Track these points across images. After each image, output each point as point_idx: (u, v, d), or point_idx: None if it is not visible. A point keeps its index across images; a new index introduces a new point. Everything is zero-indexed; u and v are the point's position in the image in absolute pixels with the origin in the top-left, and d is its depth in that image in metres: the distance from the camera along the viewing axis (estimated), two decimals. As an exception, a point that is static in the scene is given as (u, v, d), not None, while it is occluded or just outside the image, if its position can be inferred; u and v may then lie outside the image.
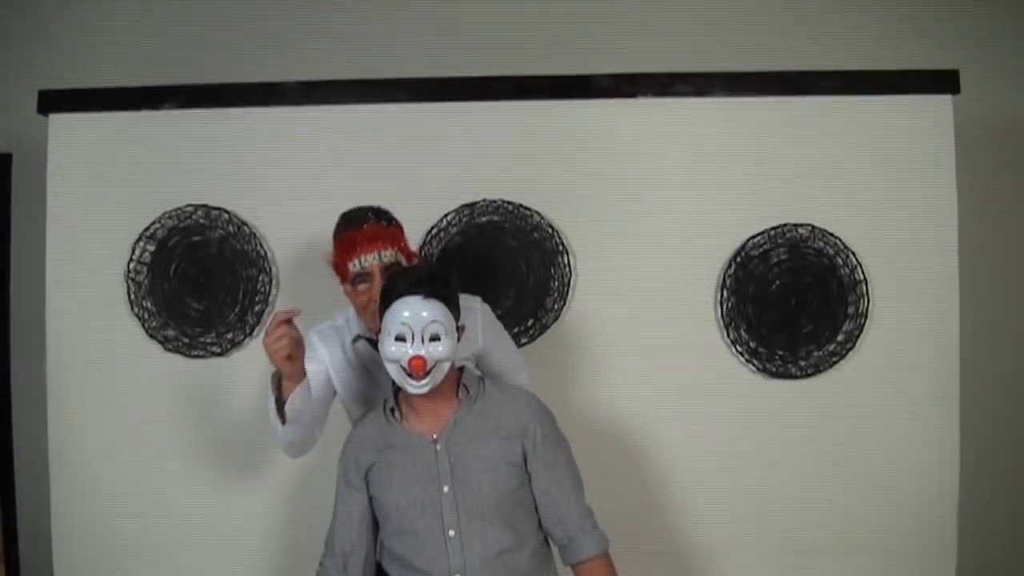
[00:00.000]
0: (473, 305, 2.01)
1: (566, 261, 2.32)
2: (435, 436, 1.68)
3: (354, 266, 1.79)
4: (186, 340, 2.34)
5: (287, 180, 2.34)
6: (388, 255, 1.81)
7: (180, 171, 2.35)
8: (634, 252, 2.32)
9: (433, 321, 1.61)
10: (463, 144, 2.34)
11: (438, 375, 1.63)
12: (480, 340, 1.99)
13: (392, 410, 1.73)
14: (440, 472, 1.66)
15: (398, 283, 1.65)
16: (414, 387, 1.62)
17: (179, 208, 2.34)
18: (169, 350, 2.34)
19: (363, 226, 1.81)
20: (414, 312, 1.61)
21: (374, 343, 1.92)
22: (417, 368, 1.59)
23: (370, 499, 1.72)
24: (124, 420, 2.34)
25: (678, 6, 2.82)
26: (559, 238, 2.32)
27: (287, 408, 1.77)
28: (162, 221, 2.34)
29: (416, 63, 2.53)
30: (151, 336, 2.34)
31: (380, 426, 1.73)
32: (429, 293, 1.62)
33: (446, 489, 1.65)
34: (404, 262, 1.85)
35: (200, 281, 2.35)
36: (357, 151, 2.34)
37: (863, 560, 2.29)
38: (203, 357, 2.34)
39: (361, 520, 1.72)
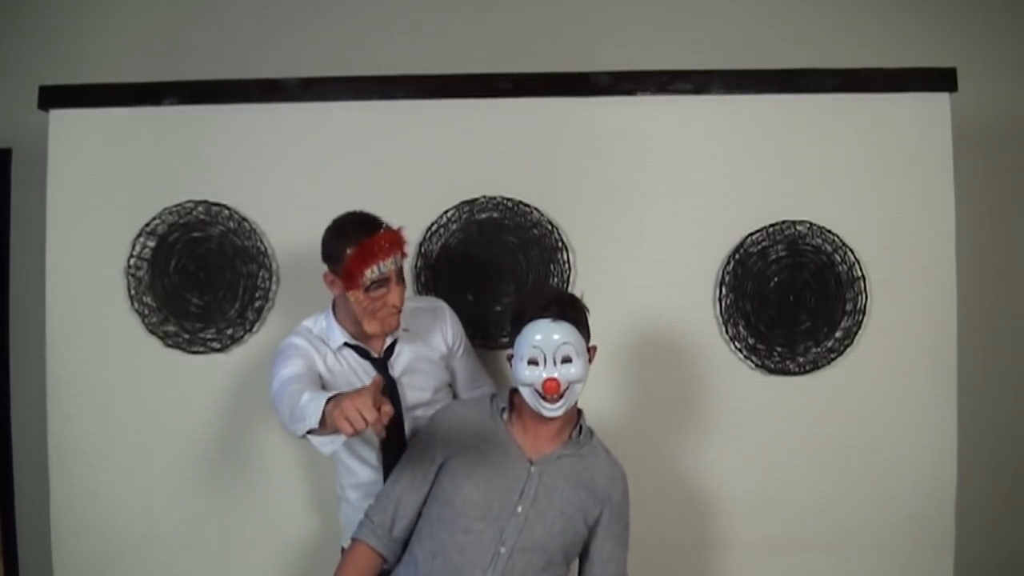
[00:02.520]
0: (440, 305, 2.05)
1: (565, 257, 2.33)
2: (534, 458, 1.71)
3: (373, 272, 1.78)
4: (186, 336, 2.34)
5: (287, 176, 2.35)
6: (399, 260, 1.84)
7: (180, 167, 2.35)
8: (633, 248, 2.33)
9: (564, 343, 1.64)
10: (463, 141, 2.34)
11: (571, 397, 1.67)
12: (449, 339, 2.03)
13: (503, 411, 1.75)
14: (524, 492, 1.68)
15: (528, 307, 1.69)
16: (549, 410, 1.65)
17: (179, 204, 2.34)
18: (169, 346, 2.34)
19: (379, 231, 1.80)
20: (545, 335, 1.64)
21: (361, 351, 1.93)
22: (551, 391, 1.63)
23: (436, 476, 1.72)
24: (124, 416, 2.34)
25: (677, 4, 2.83)
26: (558, 234, 2.33)
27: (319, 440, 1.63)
28: (162, 217, 2.34)
29: (416, 60, 2.54)
30: (151, 332, 2.34)
31: (483, 418, 1.76)
32: (558, 315, 1.66)
33: (520, 509, 1.67)
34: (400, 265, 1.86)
35: (200, 277, 2.35)
36: (357, 148, 2.34)
37: (860, 556, 2.29)
38: (203, 353, 2.34)
39: (421, 488, 1.73)
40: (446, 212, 2.33)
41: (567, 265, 2.33)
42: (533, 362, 1.64)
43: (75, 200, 2.35)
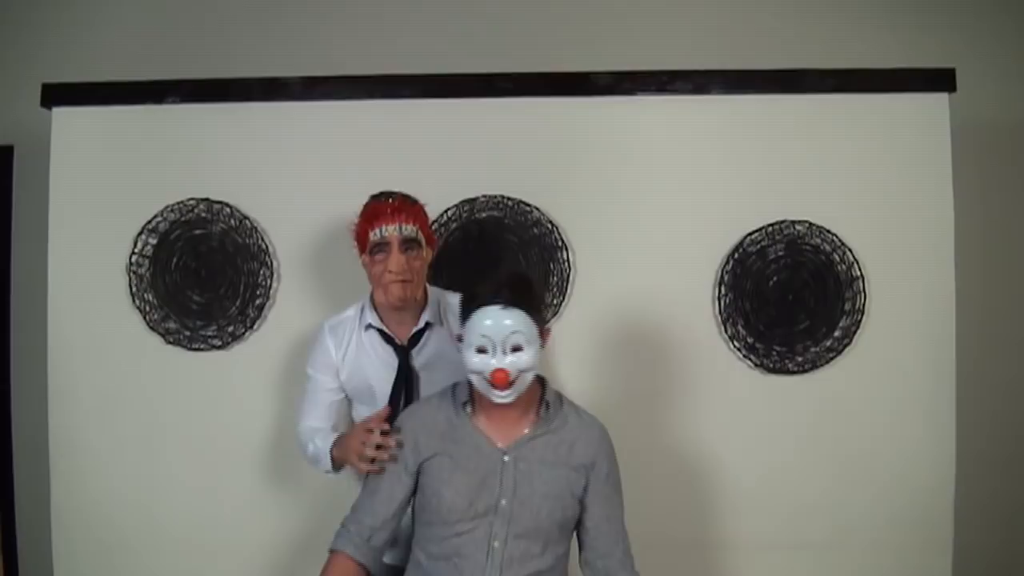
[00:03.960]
0: None
1: (565, 256, 2.34)
2: (505, 447, 1.67)
3: (375, 235, 1.84)
4: (187, 333, 2.35)
5: (289, 175, 2.36)
6: (408, 230, 1.85)
7: (182, 165, 2.36)
8: (633, 248, 2.33)
9: (515, 332, 1.58)
10: (464, 140, 2.35)
11: (522, 384, 1.62)
12: None
13: (465, 404, 1.71)
14: (503, 485, 1.65)
15: (478, 291, 1.63)
16: (499, 397, 1.61)
17: (181, 202, 2.35)
18: (170, 343, 2.35)
19: (390, 199, 1.88)
20: (495, 322, 1.58)
21: (385, 335, 1.94)
22: (500, 381, 1.58)
23: (416, 485, 1.70)
24: (124, 412, 2.34)
25: (677, 4, 2.84)
26: (559, 234, 2.34)
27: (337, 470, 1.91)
28: (164, 214, 2.35)
29: (418, 60, 2.55)
30: (152, 329, 2.35)
31: (448, 416, 1.71)
32: (510, 302, 1.59)
33: (503, 502, 1.64)
34: (423, 243, 1.90)
35: (201, 274, 2.36)
36: (358, 146, 2.35)
37: (859, 555, 2.29)
38: (204, 350, 2.35)
39: (401, 500, 1.70)
40: (446, 211, 2.34)
41: (567, 264, 2.34)
42: (482, 350, 1.59)
43: (77, 197, 2.36)
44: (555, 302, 2.34)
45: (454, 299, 1.96)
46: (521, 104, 2.34)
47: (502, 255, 2.34)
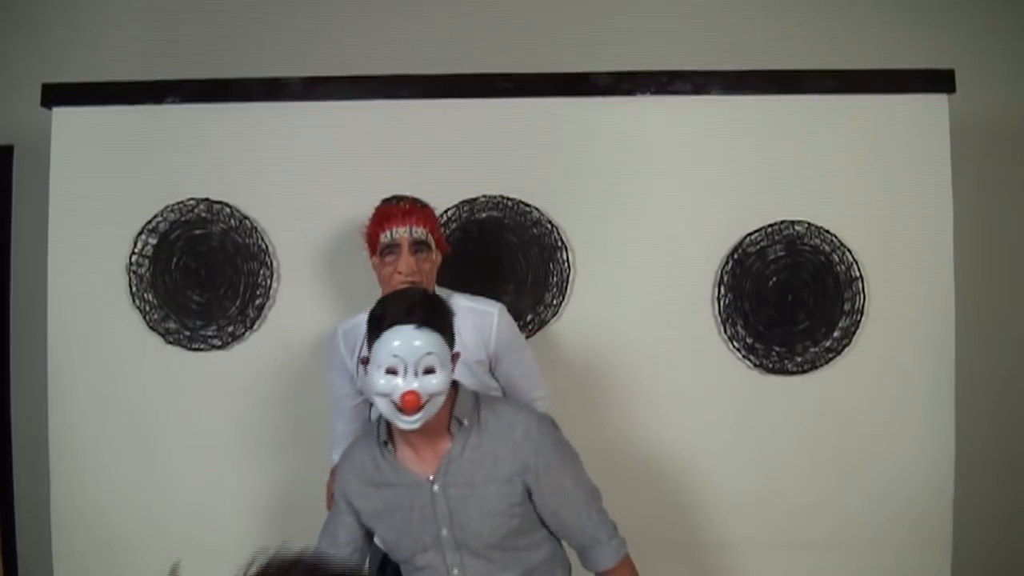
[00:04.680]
0: (490, 310, 2.00)
1: (565, 257, 2.34)
2: (431, 476, 1.61)
3: (385, 236, 1.88)
4: (187, 333, 2.35)
5: (289, 175, 2.36)
6: (419, 232, 1.88)
7: (182, 165, 2.36)
8: (632, 248, 2.33)
9: (428, 353, 1.50)
10: (464, 140, 2.35)
11: (432, 408, 1.53)
12: (492, 346, 1.98)
13: (385, 443, 1.64)
14: (438, 515, 1.61)
15: (388, 310, 1.54)
16: (405, 423, 1.52)
17: (181, 202, 2.35)
18: (170, 343, 2.35)
19: (400, 202, 1.92)
20: (406, 342, 1.50)
21: None
22: (410, 405, 1.49)
23: (367, 527, 1.70)
24: (124, 412, 2.35)
25: (678, 4, 2.84)
26: (558, 234, 2.34)
27: None
28: (164, 214, 2.35)
29: (418, 60, 2.55)
30: (152, 329, 2.35)
31: (374, 457, 1.66)
32: (423, 322, 1.51)
33: (445, 532, 1.61)
34: (433, 246, 1.91)
35: (201, 274, 2.36)
36: (359, 147, 2.36)
37: (858, 554, 2.30)
38: (204, 350, 2.35)
39: (347, 544, 1.67)
40: (446, 211, 2.34)
41: (566, 264, 2.34)
42: (392, 371, 1.50)
43: (77, 197, 2.36)
44: (555, 302, 2.34)
45: (462, 301, 1.95)
46: (521, 104, 2.34)
47: (502, 255, 2.35)
